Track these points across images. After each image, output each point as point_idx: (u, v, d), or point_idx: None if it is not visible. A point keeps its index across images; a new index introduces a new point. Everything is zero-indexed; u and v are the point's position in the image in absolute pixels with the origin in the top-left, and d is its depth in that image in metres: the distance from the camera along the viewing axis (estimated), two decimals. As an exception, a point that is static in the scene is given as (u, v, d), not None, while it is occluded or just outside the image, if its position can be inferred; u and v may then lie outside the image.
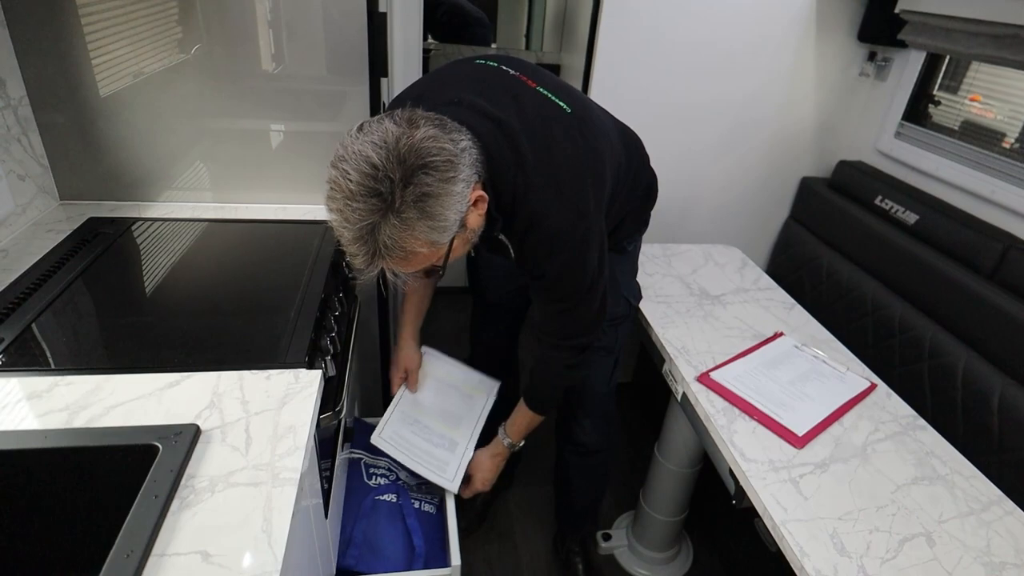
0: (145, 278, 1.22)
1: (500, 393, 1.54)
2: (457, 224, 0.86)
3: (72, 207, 1.46)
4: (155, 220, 1.44)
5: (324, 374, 1.00)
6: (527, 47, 2.80)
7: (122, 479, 0.77)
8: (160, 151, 1.47)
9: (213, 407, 0.87)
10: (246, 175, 1.54)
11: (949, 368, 1.58)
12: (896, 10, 1.89)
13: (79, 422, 0.82)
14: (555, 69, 2.76)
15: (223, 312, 1.14)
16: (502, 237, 1.05)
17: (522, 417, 1.37)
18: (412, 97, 1.03)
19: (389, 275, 0.91)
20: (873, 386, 1.35)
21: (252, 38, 1.39)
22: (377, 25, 1.39)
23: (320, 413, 0.96)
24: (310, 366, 0.98)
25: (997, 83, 1.80)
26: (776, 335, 1.50)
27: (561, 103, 1.04)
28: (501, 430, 1.41)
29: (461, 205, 0.85)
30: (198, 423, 0.83)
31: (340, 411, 1.11)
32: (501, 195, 0.96)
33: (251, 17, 1.38)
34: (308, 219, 1.51)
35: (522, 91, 1.02)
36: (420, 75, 1.83)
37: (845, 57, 2.06)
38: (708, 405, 1.23)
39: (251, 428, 0.84)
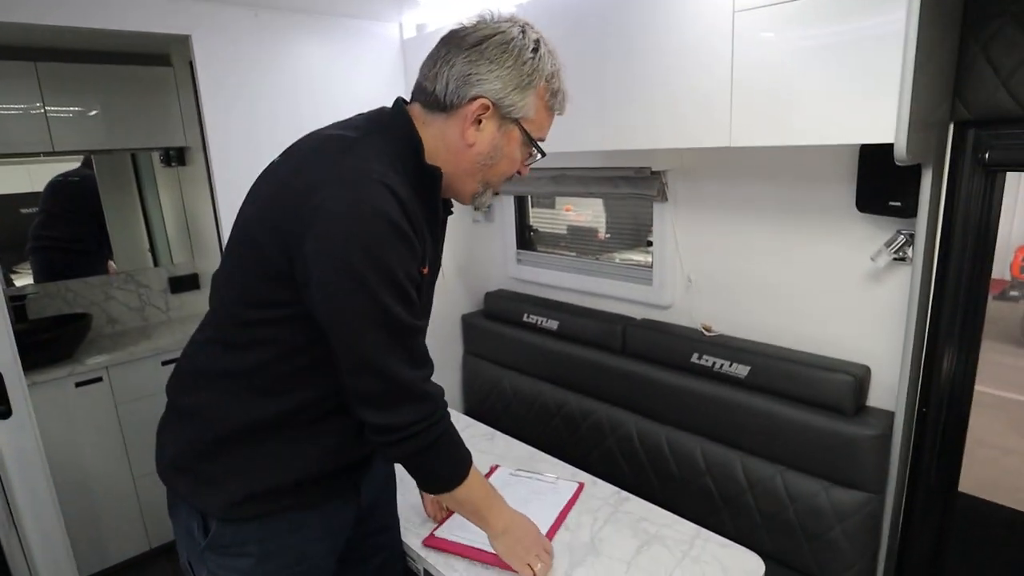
0: None
1: None
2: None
3: None
4: None
5: None
6: (156, 263, 2.60)
7: None
8: None
9: None
10: None
11: (625, 434, 1.85)
12: (479, 169, 2.31)
13: None
14: (193, 279, 2.63)
15: None
16: None
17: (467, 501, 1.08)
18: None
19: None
20: (582, 485, 1.45)
21: None
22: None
23: None
24: None
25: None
26: (492, 469, 1.53)
27: None
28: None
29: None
30: None
31: None
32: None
33: None
34: None
35: None
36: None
37: (458, 210, 2.40)
38: (448, 570, 1.18)
39: None
